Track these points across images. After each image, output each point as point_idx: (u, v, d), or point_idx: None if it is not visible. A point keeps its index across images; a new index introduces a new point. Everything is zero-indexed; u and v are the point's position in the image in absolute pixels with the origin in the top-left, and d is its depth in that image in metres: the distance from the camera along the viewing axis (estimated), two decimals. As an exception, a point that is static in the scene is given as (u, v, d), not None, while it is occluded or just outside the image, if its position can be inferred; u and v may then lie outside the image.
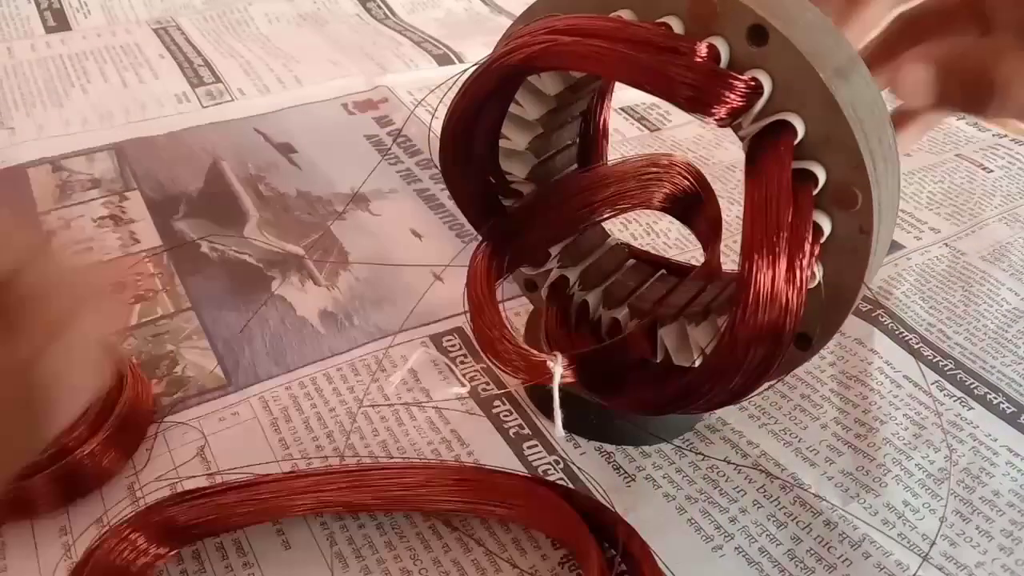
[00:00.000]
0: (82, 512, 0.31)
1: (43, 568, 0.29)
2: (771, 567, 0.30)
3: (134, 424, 0.33)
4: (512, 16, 0.63)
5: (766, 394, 0.37)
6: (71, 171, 0.51)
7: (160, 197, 0.49)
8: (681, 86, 0.23)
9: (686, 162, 0.31)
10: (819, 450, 0.34)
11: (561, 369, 0.29)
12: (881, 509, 0.32)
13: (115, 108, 0.57)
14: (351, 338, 0.39)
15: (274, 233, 0.46)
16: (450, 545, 0.30)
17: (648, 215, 0.47)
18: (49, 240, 0.24)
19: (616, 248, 0.36)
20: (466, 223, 0.34)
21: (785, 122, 0.24)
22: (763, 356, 0.25)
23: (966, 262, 0.45)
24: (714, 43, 0.24)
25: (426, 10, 0.75)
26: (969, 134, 0.57)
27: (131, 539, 0.28)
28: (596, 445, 0.34)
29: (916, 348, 0.39)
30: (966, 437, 0.35)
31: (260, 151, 0.53)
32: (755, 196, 0.24)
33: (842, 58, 0.25)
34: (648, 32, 0.24)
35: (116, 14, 0.71)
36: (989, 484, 0.33)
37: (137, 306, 0.41)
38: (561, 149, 0.33)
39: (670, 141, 0.56)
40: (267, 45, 0.67)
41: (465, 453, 0.34)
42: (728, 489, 0.33)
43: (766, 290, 0.24)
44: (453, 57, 0.66)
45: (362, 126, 0.56)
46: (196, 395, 0.36)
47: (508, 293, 0.36)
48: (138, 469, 0.33)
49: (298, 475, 0.31)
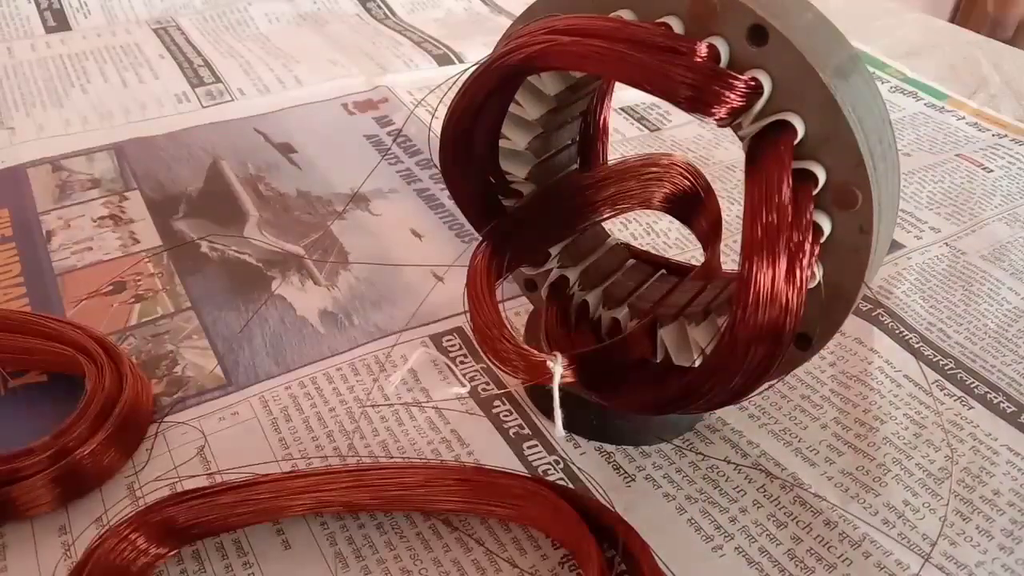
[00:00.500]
0: (82, 512, 0.31)
1: (43, 568, 0.29)
2: (771, 567, 0.30)
3: (134, 424, 0.33)
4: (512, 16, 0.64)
5: (766, 394, 0.37)
6: (71, 171, 0.51)
7: (160, 197, 0.49)
8: (681, 86, 0.23)
9: (686, 162, 0.31)
10: (819, 450, 0.34)
11: (561, 369, 0.29)
12: (881, 509, 0.32)
13: (115, 108, 0.57)
14: (351, 338, 0.39)
15: (274, 233, 0.46)
16: (450, 545, 0.30)
17: (648, 215, 0.47)
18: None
19: (616, 248, 0.36)
20: (466, 223, 0.34)
21: (785, 122, 0.24)
22: (763, 356, 0.25)
23: (966, 261, 0.45)
24: (714, 43, 0.24)
25: (426, 10, 0.75)
26: (969, 134, 0.57)
27: (131, 539, 0.28)
28: (596, 445, 0.34)
29: (916, 347, 0.39)
30: (966, 437, 0.35)
31: (260, 151, 0.53)
32: (755, 196, 0.24)
33: (842, 58, 0.25)
34: (648, 32, 0.24)
35: (116, 14, 0.71)
36: (989, 484, 0.33)
37: (137, 306, 0.41)
38: (561, 149, 0.33)
39: (670, 141, 0.56)
40: (267, 45, 0.67)
41: (465, 453, 0.34)
42: (728, 489, 0.33)
43: (766, 290, 0.24)
44: (453, 57, 0.66)
45: (362, 126, 0.56)
46: (196, 395, 0.36)
47: (508, 293, 0.36)
48: (138, 469, 0.33)
49: (298, 475, 0.31)
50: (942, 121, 0.59)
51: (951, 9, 1.68)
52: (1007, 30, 1.54)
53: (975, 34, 0.74)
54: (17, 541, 0.30)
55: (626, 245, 0.36)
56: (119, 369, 0.34)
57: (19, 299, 0.41)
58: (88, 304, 0.41)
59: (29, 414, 0.35)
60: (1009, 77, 0.66)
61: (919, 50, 0.70)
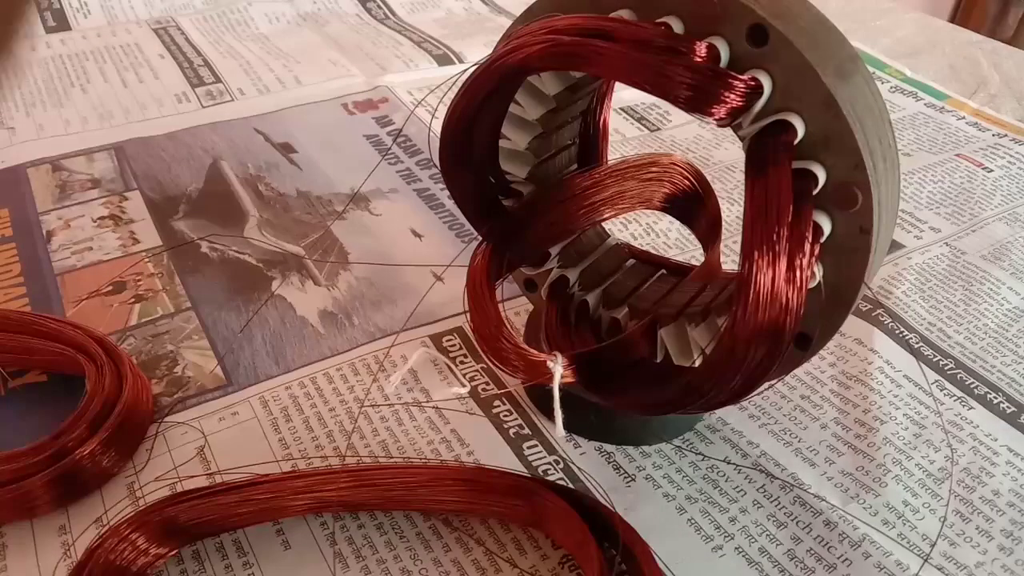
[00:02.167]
0: (82, 512, 0.31)
1: (43, 568, 0.29)
2: (771, 567, 0.30)
3: (134, 424, 0.33)
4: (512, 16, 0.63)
5: (766, 394, 0.37)
6: (71, 171, 0.51)
7: (160, 197, 0.49)
8: (680, 86, 0.23)
9: (686, 162, 0.31)
10: (819, 450, 0.34)
11: (561, 369, 0.29)
12: (881, 509, 0.32)
13: (115, 108, 0.57)
14: (351, 338, 0.39)
15: (274, 233, 0.46)
16: (450, 545, 0.30)
17: (648, 215, 0.47)
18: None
19: (616, 248, 0.36)
20: (466, 223, 0.34)
21: (785, 122, 0.24)
22: (763, 356, 0.25)
23: (966, 261, 0.45)
24: (714, 43, 0.24)
25: (426, 10, 0.75)
26: (969, 134, 0.57)
27: (131, 539, 0.28)
28: (596, 445, 0.34)
29: (916, 348, 0.39)
30: (966, 437, 0.35)
31: (260, 151, 0.53)
32: (755, 196, 0.24)
33: (842, 58, 0.25)
34: (647, 32, 0.24)
35: (116, 14, 0.71)
36: (989, 484, 0.33)
37: (137, 306, 0.41)
38: (561, 149, 0.33)
39: (670, 141, 0.56)
40: (267, 45, 0.67)
41: (465, 453, 0.34)
42: (728, 489, 0.33)
43: (766, 290, 0.24)
44: (453, 57, 0.66)
45: (362, 126, 0.56)
46: (196, 395, 0.36)
47: (508, 293, 0.36)
48: (138, 469, 0.33)
49: (298, 475, 0.31)
50: (942, 121, 0.59)
51: (951, 9, 1.68)
52: (1007, 30, 1.54)
53: (975, 34, 0.74)
54: (17, 541, 0.30)
55: (626, 245, 0.36)
56: (119, 369, 0.34)
57: (19, 299, 0.41)
58: (88, 304, 0.41)
59: (29, 414, 0.35)
60: (1009, 77, 0.66)
61: (919, 50, 0.70)
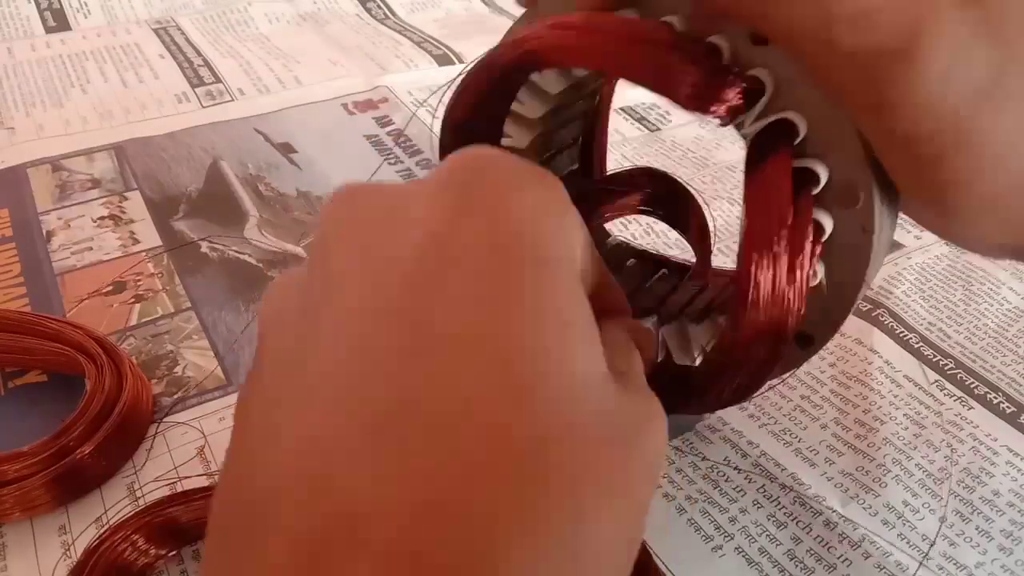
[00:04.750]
0: (81, 512, 0.31)
1: (42, 568, 0.29)
2: (771, 567, 0.30)
3: (134, 424, 0.33)
4: (512, 17, 0.63)
5: (766, 394, 0.37)
6: (71, 171, 0.51)
7: (160, 197, 0.49)
8: (682, 84, 0.23)
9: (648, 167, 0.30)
10: (819, 450, 0.34)
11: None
12: (881, 509, 0.32)
13: (115, 108, 0.57)
14: (351, 338, 0.39)
15: (274, 233, 0.46)
16: (450, 545, 0.30)
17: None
18: None
19: (616, 248, 0.36)
20: (466, 223, 0.33)
21: (787, 121, 0.24)
22: (764, 355, 0.25)
23: (966, 261, 0.45)
24: (716, 41, 0.24)
25: (426, 10, 0.75)
26: (969, 134, 0.57)
27: (131, 539, 0.28)
28: (596, 445, 0.34)
29: (916, 347, 0.39)
30: (966, 437, 0.35)
31: (260, 151, 0.53)
32: (756, 195, 0.24)
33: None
34: (650, 29, 0.24)
35: (116, 14, 0.71)
36: (989, 484, 0.33)
37: (137, 306, 0.41)
38: (562, 149, 0.33)
39: (670, 141, 0.56)
40: (267, 45, 0.67)
41: (465, 453, 0.34)
42: (728, 489, 0.33)
43: (767, 289, 0.24)
44: (453, 57, 0.66)
45: (362, 126, 0.56)
46: (196, 395, 0.36)
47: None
48: (138, 469, 0.33)
49: (298, 475, 0.31)
50: (942, 122, 0.59)
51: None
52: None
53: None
54: (17, 541, 0.30)
55: (626, 245, 0.36)
56: (119, 369, 0.34)
57: (19, 299, 0.41)
58: (88, 304, 0.41)
59: (29, 414, 0.35)
60: (1009, 78, 0.66)
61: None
